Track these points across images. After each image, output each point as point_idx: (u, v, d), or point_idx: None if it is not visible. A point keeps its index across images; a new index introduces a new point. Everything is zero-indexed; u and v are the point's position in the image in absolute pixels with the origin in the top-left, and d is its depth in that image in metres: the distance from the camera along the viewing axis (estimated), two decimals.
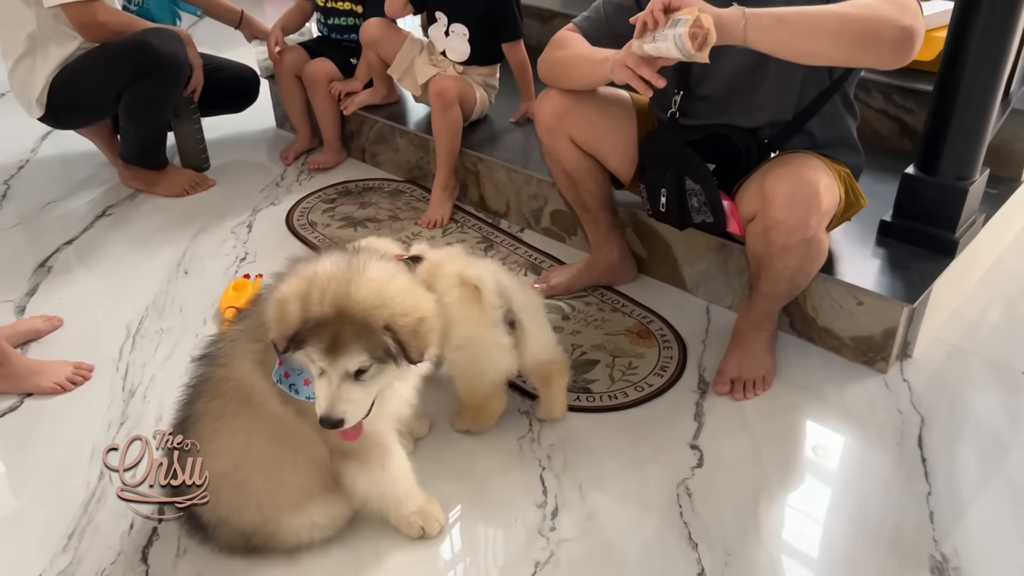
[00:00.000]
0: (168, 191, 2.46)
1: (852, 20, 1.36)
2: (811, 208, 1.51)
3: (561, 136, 1.82)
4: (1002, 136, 1.96)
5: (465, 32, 2.32)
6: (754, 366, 1.73)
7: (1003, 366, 1.79)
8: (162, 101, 2.32)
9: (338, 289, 1.14)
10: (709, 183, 1.64)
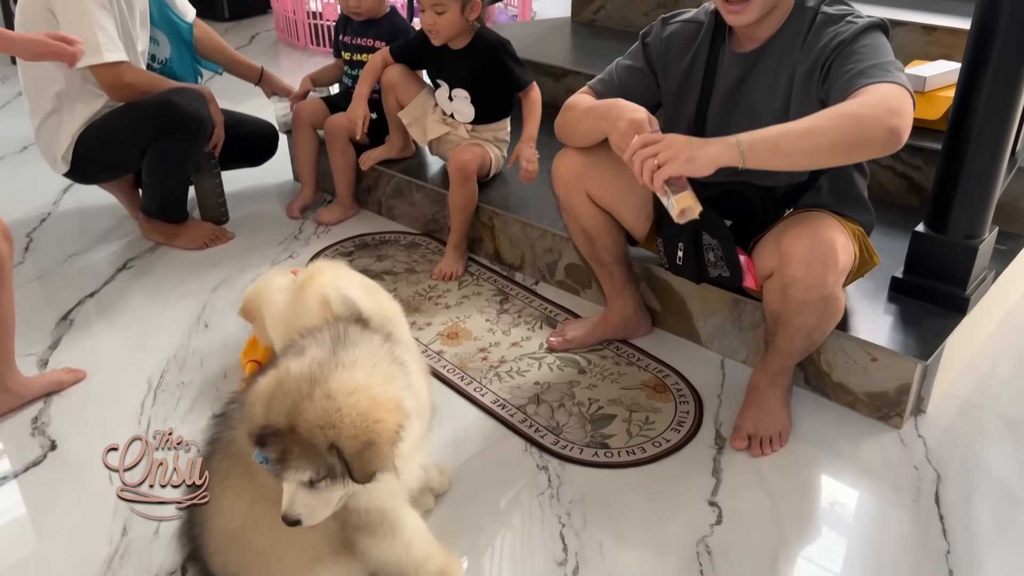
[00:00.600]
0: (188, 244, 2.50)
1: (843, 132, 1.42)
2: (828, 266, 1.55)
3: (578, 193, 1.87)
4: (1009, 194, 2.00)
5: (467, 95, 2.39)
6: (770, 422, 1.75)
7: (1016, 421, 1.81)
8: (185, 158, 2.37)
9: (294, 402, 1.14)
10: (726, 238, 1.68)
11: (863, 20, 1.57)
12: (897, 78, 1.47)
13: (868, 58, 1.51)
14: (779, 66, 1.64)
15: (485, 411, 1.85)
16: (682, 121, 1.80)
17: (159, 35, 2.52)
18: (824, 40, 1.58)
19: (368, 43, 2.56)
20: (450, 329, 2.14)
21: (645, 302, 2.09)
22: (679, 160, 1.46)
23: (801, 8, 1.64)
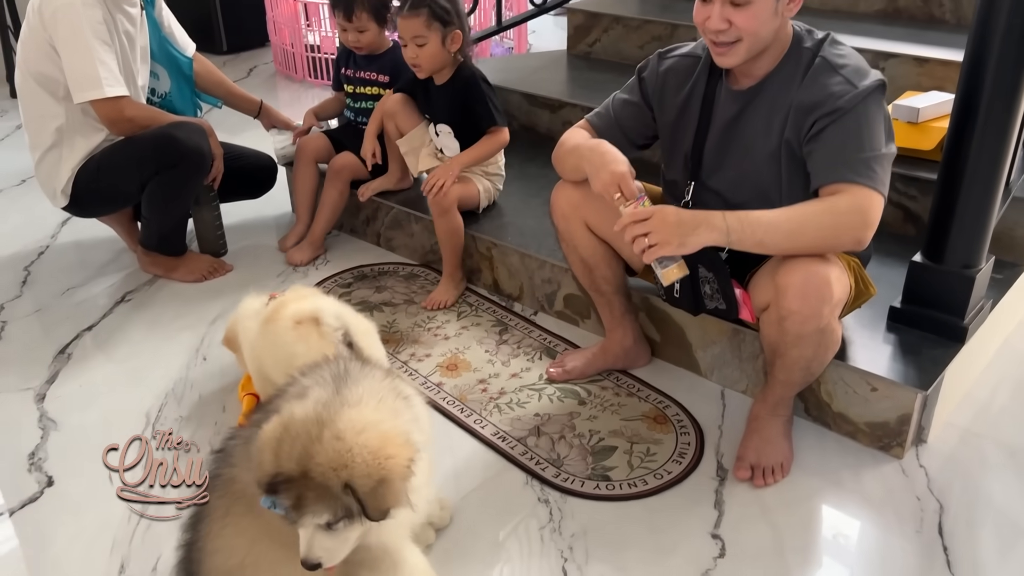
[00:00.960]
0: (186, 276, 2.50)
1: (819, 238, 1.55)
2: (824, 299, 1.55)
3: (577, 224, 1.88)
4: (1004, 223, 2.01)
5: (449, 130, 2.41)
6: (772, 452, 1.75)
7: (1017, 450, 1.80)
8: (185, 191, 2.38)
9: (304, 446, 1.13)
10: (721, 271, 1.69)
11: (864, 84, 1.56)
12: (877, 181, 1.54)
13: (859, 144, 1.55)
14: (774, 104, 1.65)
15: (485, 443, 1.85)
16: (678, 156, 1.81)
17: (159, 69, 2.54)
18: (822, 94, 1.58)
19: (371, 76, 2.58)
20: (449, 360, 2.14)
21: (644, 332, 2.09)
22: (671, 245, 1.55)
23: (798, 48, 1.64)
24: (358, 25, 2.48)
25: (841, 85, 1.57)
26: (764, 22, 1.56)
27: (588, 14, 3.22)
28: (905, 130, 2.23)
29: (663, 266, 1.59)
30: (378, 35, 2.54)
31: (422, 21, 2.24)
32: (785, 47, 1.65)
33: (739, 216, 1.55)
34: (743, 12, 1.55)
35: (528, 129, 2.96)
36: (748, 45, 1.59)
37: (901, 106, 2.26)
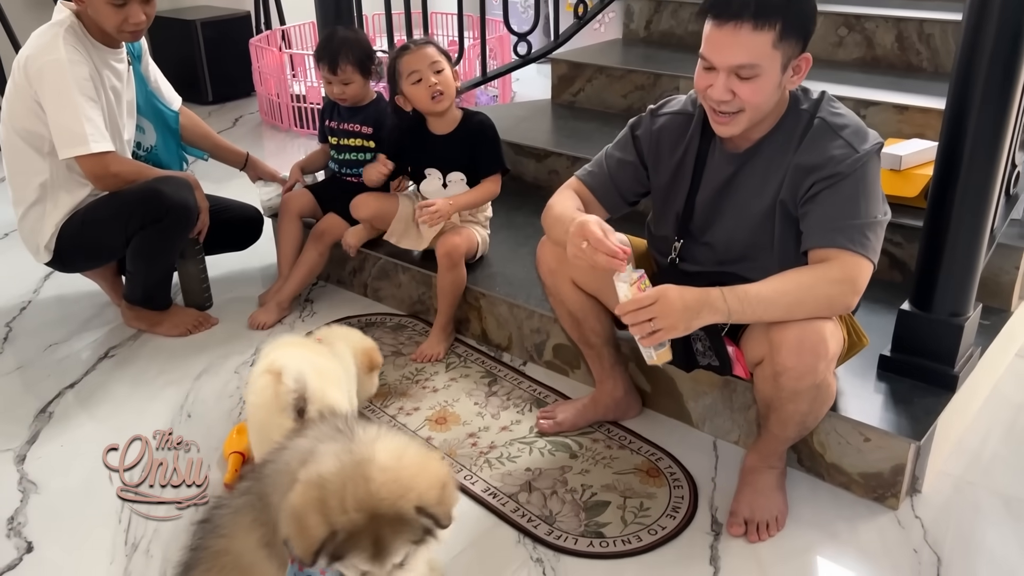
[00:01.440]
0: (171, 331, 2.47)
1: (814, 310, 1.55)
2: (819, 355, 1.54)
3: (563, 279, 1.87)
4: (990, 269, 2.02)
5: (463, 177, 2.41)
6: (766, 506, 1.73)
7: (1012, 499, 1.79)
8: (170, 245, 2.36)
9: (359, 491, 1.11)
10: (712, 331, 1.67)
11: (865, 148, 1.56)
12: (869, 249, 1.55)
13: (854, 210, 1.55)
14: (770, 166, 1.65)
15: (476, 500, 1.82)
16: (670, 213, 1.80)
17: (145, 123, 2.54)
18: (822, 157, 1.57)
19: (355, 128, 2.59)
20: (438, 414, 2.11)
21: (635, 383, 2.08)
22: (678, 330, 1.52)
23: (796, 110, 1.63)
24: (343, 77, 2.49)
25: (842, 148, 1.56)
26: (768, 96, 1.55)
27: (572, 64, 3.26)
28: (888, 177, 2.25)
29: (656, 349, 1.55)
30: (363, 87, 2.55)
31: (434, 48, 2.32)
32: (783, 109, 1.63)
33: (739, 296, 1.53)
34: (748, 85, 1.52)
35: (515, 179, 2.97)
36: (750, 116, 1.58)
37: (884, 154, 2.26)
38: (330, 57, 2.48)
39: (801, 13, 1.52)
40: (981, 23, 1.60)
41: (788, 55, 1.53)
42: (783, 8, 1.49)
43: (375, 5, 3.23)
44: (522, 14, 5.34)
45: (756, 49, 1.50)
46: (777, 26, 1.49)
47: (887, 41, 2.91)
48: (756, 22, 1.48)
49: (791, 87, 1.60)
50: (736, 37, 1.50)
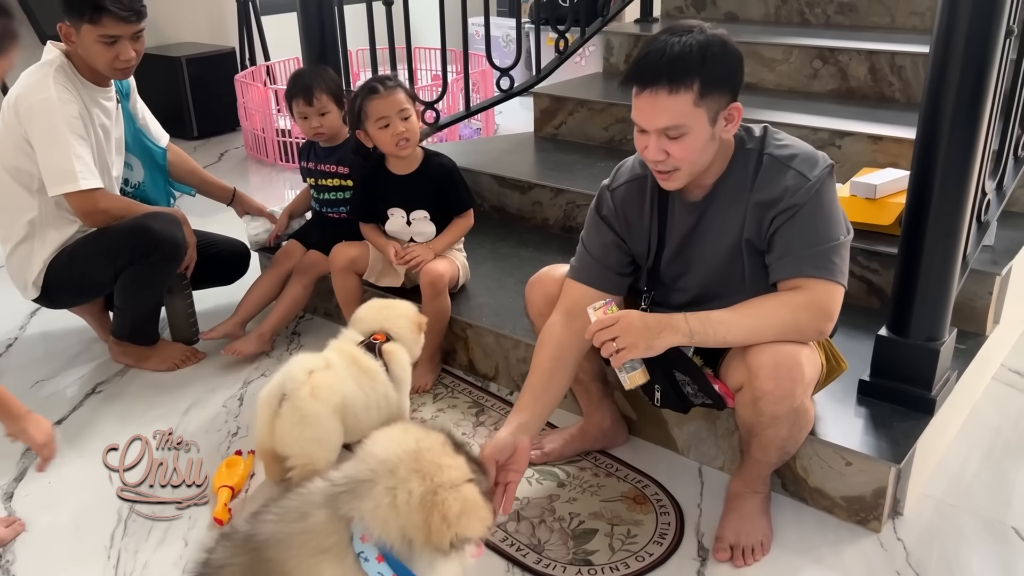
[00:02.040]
0: (159, 366, 2.48)
1: (782, 334, 1.59)
2: (795, 379, 1.58)
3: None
4: (964, 295, 2.07)
5: (426, 214, 2.45)
6: (751, 531, 1.75)
7: (992, 520, 1.83)
8: (159, 281, 2.38)
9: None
10: (697, 375, 1.71)
11: (816, 174, 1.58)
12: (836, 272, 1.58)
13: (815, 238, 1.58)
14: (729, 208, 1.66)
15: None
16: (642, 270, 1.81)
17: (133, 160, 2.57)
18: (777, 190, 1.60)
19: (331, 169, 2.60)
20: None
21: (621, 411, 2.11)
22: (639, 348, 1.58)
23: (743, 151, 1.65)
24: (319, 107, 2.50)
25: (794, 179, 1.59)
26: (700, 150, 1.58)
27: (553, 98, 3.32)
28: (864, 206, 2.30)
29: (627, 371, 1.62)
30: (339, 118, 2.56)
31: (403, 94, 2.34)
32: (729, 153, 1.65)
33: (700, 318, 1.58)
34: (678, 144, 1.56)
35: (499, 210, 3.02)
36: (687, 171, 1.61)
37: (859, 183, 2.34)
38: (304, 89, 2.50)
39: (719, 69, 1.53)
40: (946, 57, 1.66)
41: (714, 109, 1.54)
42: (698, 67, 1.51)
43: (359, 40, 3.28)
44: (504, 49, 5.43)
45: (677, 111, 1.53)
46: (695, 86, 1.51)
47: (860, 73, 2.99)
48: (671, 86, 1.51)
49: (727, 135, 1.60)
50: (656, 102, 1.53)
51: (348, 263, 2.47)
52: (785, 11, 3.53)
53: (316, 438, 1.83)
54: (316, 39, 2.74)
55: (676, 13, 3.79)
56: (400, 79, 2.42)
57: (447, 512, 1.26)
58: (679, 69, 1.51)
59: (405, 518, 1.25)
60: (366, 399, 1.93)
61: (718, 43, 1.54)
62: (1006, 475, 1.98)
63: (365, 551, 1.27)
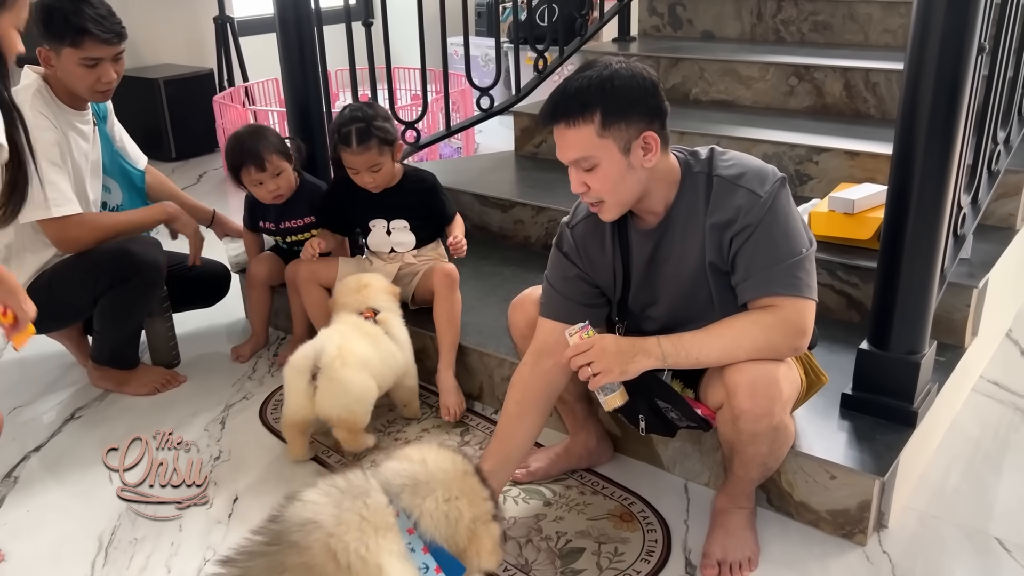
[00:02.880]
0: (139, 390, 2.46)
1: (756, 352, 1.59)
2: (773, 397, 1.58)
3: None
4: (942, 307, 2.10)
5: (406, 224, 2.46)
6: (738, 546, 1.75)
7: (974, 532, 1.84)
8: (139, 306, 2.36)
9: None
10: (678, 401, 1.71)
11: (767, 190, 1.58)
12: (803, 287, 1.58)
13: (776, 255, 1.57)
14: (686, 233, 1.65)
15: None
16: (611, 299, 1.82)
17: (111, 183, 2.55)
18: (731, 211, 1.59)
19: (298, 223, 2.57)
20: None
21: (606, 428, 2.11)
22: (614, 373, 1.60)
23: (690, 175, 1.65)
24: (273, 169, 2.43)
25: (746, 197, 1.58)
26: (617, 181, 1.58)
27: (533, 117, 3.33)
28: (842, 221, 2.33)
29: (605, 393, 1.63)
30: (291, 172, 2.51)
31: (375, 151, 2.31)
32: (676, 178, 1.65)
33: (673, 341, 1.60)
34: (593, 176, 1.58)
35: (481, 228, 3.02)
36: (613, 202, 1.62)
37: (837, 198, 2.36)
38: (252, 155, 2.40)
39: (621, 98, 1.53)
40: (920, 74, 1.69)
41: (624, 139, 1.55)
42: (598, 99, 1.53)
43: (339, 61, 3.29)
44: (483, 68, 5.46)
45: (582, 143, 1.55)
46: (595, 117, 1.53)
47: (836, 90, 3.03)
48: (569, 119, 1.55)
49: (649, 164, 1.58)
50: (563, 136, 1.58)
51: (311, 275, 2.46)
52: (761, 29, 3.57)
53: (357, 398, 2.06)
54: (295, 60, 2.74)
55: (653, 32, 3.83)
56: (378, 120, 2.32)
57: (482, 548, 1.37)
58: (579, 102, 1.54)
59: (454, 530, 1.36)
60: (380, 357, 2.16)
61: (623, 75, 1.56)
62: (987, 486, 1.99)
63: (411, 542, 1.33)
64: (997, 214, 2.47)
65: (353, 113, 2.33)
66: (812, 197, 2.59)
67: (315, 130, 2.77)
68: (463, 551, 1.35)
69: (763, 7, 3.52)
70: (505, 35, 5.37)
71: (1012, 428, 2.21)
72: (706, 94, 3.31)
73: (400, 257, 2.50)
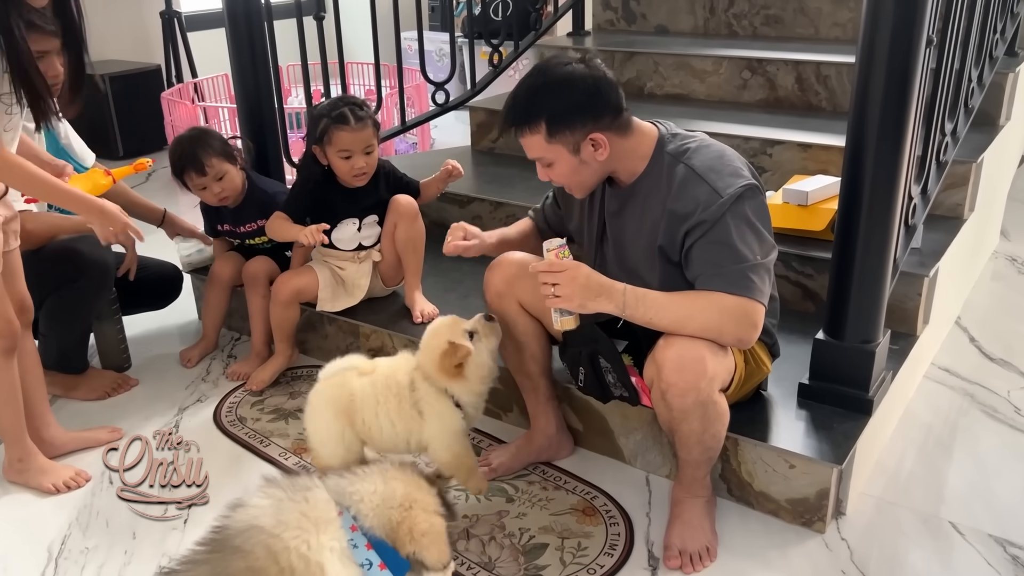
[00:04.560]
0: (88, 395, 2.39)
1: (704, 330, 1.63)
2: (698, 373, 1.61)
3: (511, 301, 1.93)
4: (895, 297, 2.13)
5: (375, 218, 2.45)
6: (696, 536, 1.76)
7: (929, 517, 1.87)
8: (87, 306, 2.30)
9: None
10: (617, 362, 1.74)
11: (729, 192, 1.61)
12: (755, 291, 1.62)
13: (731, 257, 1.61)
14: (646, 206, 1.72)
15: None
16: (587, 251, 1.91)
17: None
18: (691, 205, 1.63)
19: (252, 228, 2.53)
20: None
21: (567, 423, 2.11)
22: (572, 303, 1.65)
23: (661, 153, 1.71)
24: (215, 172, 2.41)
25: (707, 194, 1.62)
26: (573, 175, 1.71)
27: (489, 111, 3.32)
28: (796, 213, 2.35)
29: (560, 315, 1.69)
30: (238, 175, 2.47)
31: (371, 130, 2.31)
32: (646, 152, 1.72)
33: (637, 294, 1.64)
34: (552, 170, 1.72)
35: (439, 225, 2.97)
36: (576, 188, 1.77)
37: (790, 190, 2.39)
38: (192, 160, 2.38)
39: (563, 107, 1.63)
40: (871, 66, 1.71)
41: (571, 142, 1.65)
42: (542, 110, 1.64)
43: (291, 56, 3.23)
44: (438, 63, 5.42)
45: (535, 147, 1.69)
46: (541, 128, 1.65)
47: (788, 83, 3.06)
48: (519, 129, 1.69)
49: (601, 159, 1.67)
50: (521, 140, 1.71)
51: (294, 294, 2.42)
52: (714, 23, 3.60)
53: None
54: (245, 55, 2.69)
55: (607, 26, 3.84)
56: (368, 105, 2.35)
57: (414, 527, 1.37)
58: (525, 114, 1.67)
59: (390, 511, 1.38)
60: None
61: (566, 80, 1.65)
62: (940, 471, 2.03)
63: (354, 538, 1.35)
64: (946, 204, 2.52)
65: (338, 99, 2.36)
66: (766, 190, 2.61)
67: (267, 126, 2.72)
68: (395, 531, 1.37)
69: (715, 2, 3.55)
70: (459, 30, 5.34)
71: (962, 413, 2.26)
72: (660, 88, 3.32)
73: (369, 255, 2.48)
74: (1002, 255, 3.24)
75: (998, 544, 1.78)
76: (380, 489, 1.40)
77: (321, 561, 1.30)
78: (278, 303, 2.41)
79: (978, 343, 2.61)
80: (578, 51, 1.69)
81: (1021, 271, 3.10)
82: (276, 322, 2.44)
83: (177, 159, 2.42)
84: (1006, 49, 2.83)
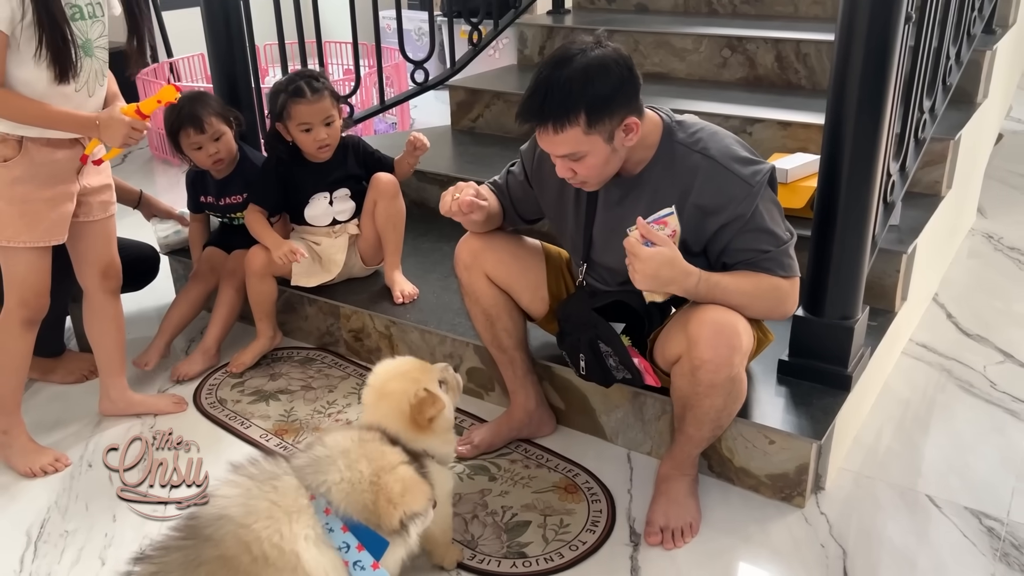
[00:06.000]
0: (66, 378, 2.37)
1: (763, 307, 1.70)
2: (734, 347, 1.62)
3: (478, 273, 1.92)
4: (874, 273, 2.15)
5: (347, 191, 2.44)
6: (680, 513, 1.78)
7: (906, 491, 1.90)
8: (63, 287, 2.26)
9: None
10: (618, 345, 1.74)
11: (758, 180, 1.63)
12: (796, 270, 1.69)
13: (771, 241, 1.66)
14: (656, 193, 1.69)
15: None
16: (567, 237, 1.89)
17: None
18: (722, 198, 1.63)
19: (235, 200, 2.51)
20: None
21: (549, 401, 2.11)
22: (643, 284, 1.62)
23: (670, 142, 1.68)
24: (213, 132, 2.39)
25: (738, 187, 1.63)
26: (603, 165, 1.64)
27: (469, 91, 3.30)
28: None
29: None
30: (232, 138, 2.46)
31: (329, 102, 2.30)
32: (653, 141, 1.69)
33: (710, 283, 1.64)
34: (581, 164, 1.63)
35: (419, 205, 2.98)
36: (597, 181, 1.69)
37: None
38: (191, 117, 2.36)
39: (602, 95, 1.55)
40: (850, 44, 1.71)
41: (607, 129, 1.58)
42: (580, 100, 1.54)
43: (267, 35, 3.19)
44: (417, 42, 5.38)
45: (569, 142, 1.59)
46: (580, 120, 1.55)
47: (768, 61, 3.06)
48: (556, 125, 1.57)
49: (630, 143, 1.63)
50: (549, 137, 1.60)
51: (265, 265, 2.39)
52: (693, 1, 3.59)
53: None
54: (221, 34, 2.65)
55: (587, 5, 3.82)
56: (322, 77, 2.35)
57: (391, 493, 1.36)
58: (562, 108, 1.55)
59: (362, 496, 1.36)
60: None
61: (596, 67, 1.56)
62: (916, 446, 2.06)
63: (329, 522, 1.34)
64: (924, 181, 2.53)
65: (294, 74, 2.34)
66: None
67: (243, 107, 2.69)
68: (374, 511, 1.36)
69: None
70: (438, 8, 5.29)
71: (939, 388, 2.28)
72: (641, 67, 3.25)
73: (344, 229, 2.46)
74: (979, 232, 3.27)
75: (974, 516, 1.81)
76: (347, 476, 1.37)
77: (296, 550, 1.29)
78: (252, 275, 2.39)
79: (955, 319, 2.63)
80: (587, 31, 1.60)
81: (998, 248, 3.14)
82: (254, 298, 2.43)
83: (176, 117, 2.39)
84: (984, 27, 2.84)
